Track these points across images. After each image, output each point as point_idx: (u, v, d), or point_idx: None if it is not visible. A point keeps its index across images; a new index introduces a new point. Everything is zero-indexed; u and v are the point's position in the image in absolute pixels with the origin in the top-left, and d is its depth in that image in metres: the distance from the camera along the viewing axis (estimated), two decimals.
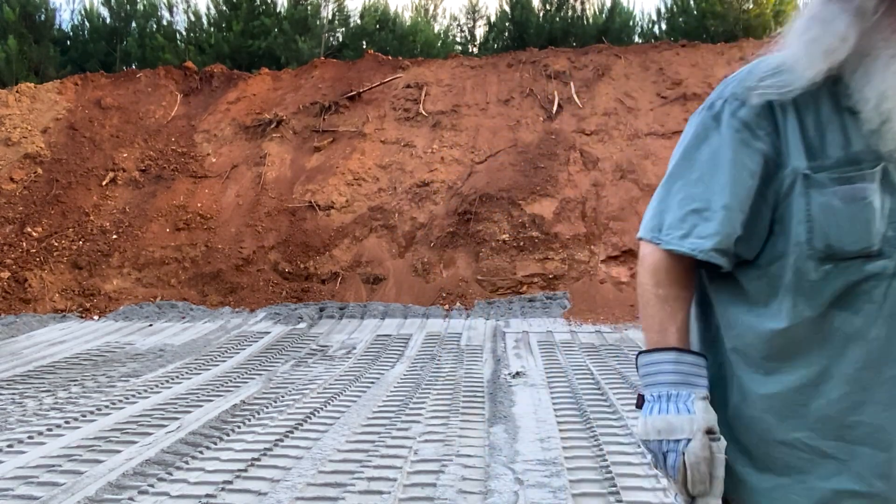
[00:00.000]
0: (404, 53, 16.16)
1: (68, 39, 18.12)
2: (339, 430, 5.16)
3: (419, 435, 5.01)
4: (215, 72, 14.99)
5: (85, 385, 6.78)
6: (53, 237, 12.07)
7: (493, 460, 4.45)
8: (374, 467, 4.37)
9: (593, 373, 6.87)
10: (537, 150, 12.34)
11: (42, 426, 5.37)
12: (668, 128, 12.39)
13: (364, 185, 12.40)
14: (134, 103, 14.40)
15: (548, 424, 5.21)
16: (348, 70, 14.65)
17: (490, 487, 4.02)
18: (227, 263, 11.57)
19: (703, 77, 13.04)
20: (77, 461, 4.60)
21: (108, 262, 11.73)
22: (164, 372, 7.31)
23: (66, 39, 18.09)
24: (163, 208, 12.41)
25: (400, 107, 13.60)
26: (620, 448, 4.65)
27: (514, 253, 11.14)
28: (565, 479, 4.13)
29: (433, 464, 4.43)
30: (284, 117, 13.62)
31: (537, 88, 13.45)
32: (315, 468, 4.37)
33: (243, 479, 4.24)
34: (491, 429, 5.13)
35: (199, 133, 13.78)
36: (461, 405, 5.78)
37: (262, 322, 10.13)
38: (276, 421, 5.44)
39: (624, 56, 13.76)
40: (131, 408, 5.91)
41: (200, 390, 6.48)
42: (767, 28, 15.37)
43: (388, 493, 3.97)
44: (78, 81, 14.86)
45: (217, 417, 5.51)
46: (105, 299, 11.25)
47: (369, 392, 6.30)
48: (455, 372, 7.03)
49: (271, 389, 6.49)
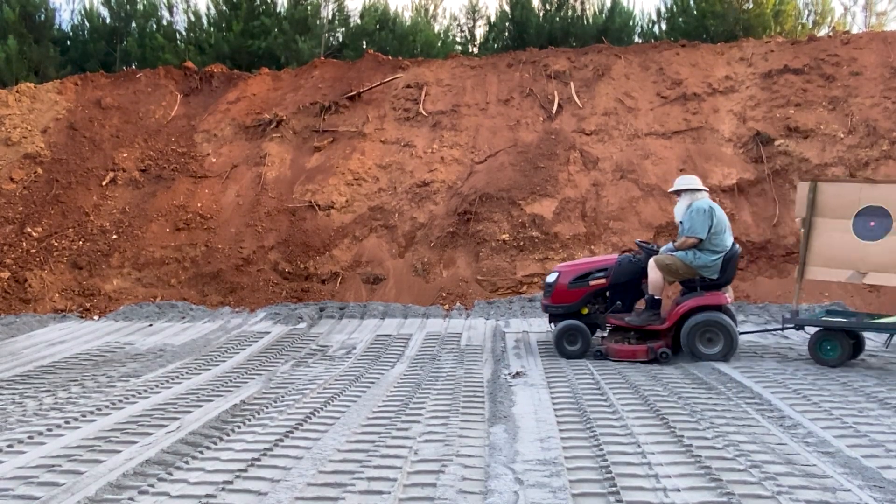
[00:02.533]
0: (404, 53, 16.16)
1: (68, 39, 18.11)
2: (340, 430, 5.16)
3: (419, 435, 5.01)
4: (215, 72, 15.00)
5: (85, 385, 6.78)
6: (53, 237, 12.08)
7: (493, 460, 4.45)
8: (375, 467, 4.38)
9: (593, 373, 6.87)
10: (537, 150, 12.34)
11: (42, 426, 5.37)
12: (668, 128, 12.40)
13: (364, 185, 12.41)
14: (134, 103, 14.40)
15: (548, 424, 5.21)
16: (348, 70, 14.66)
17: (490, 487, 4.02)
18: (227, 263, 11.58)
19: (703, 77, 13.04)
20: (77, 461, 4.61)
21: (108, 262, 11.73)
22: (164, 372, 7.32)
23: (66, 39, 18.09)
24: (163, 208, 12.41)
25: (400, 107, 13.61)
26: (621, 448, 4.66)
27: (514, 253, 11.14)
28: (565, 479, 4.14)
29: (433, 464, 4.43)
30: (284, 117, 13.62)
31: (537, 88, 13.46)
32: (315, 468, 4.37)
33: (243, 479, 4.24)
34: (491, 429, 5.13)
35: (199, 133, 13.79)
36: (461, 405, 5.78)
37: (262, 322, 10.13)
38: (276, 421, 5.44)
39: (624, 56, 13.77)
40: (131, 408, 5.91)
41: (200, 390, 6.48)
42: (767, 28, 15.37)
43: (388, 493, 3.97)
44: (78, 81, 14.86)
45: (217, 417, 5.51)
46: (105, 299, 11.26)
47: (369, 392, 6.30)
48: (455, 372, 7.03)
49: (271, 389, 6.49)
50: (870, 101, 12.00)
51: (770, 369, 6.89)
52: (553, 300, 7.77)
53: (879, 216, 6.88)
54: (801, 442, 4.76)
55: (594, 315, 7.76)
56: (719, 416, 5.38)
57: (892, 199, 6.87)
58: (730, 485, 4.02)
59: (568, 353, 7.53)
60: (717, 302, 7.26)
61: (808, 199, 7.13)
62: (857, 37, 13.40)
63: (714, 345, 7.20)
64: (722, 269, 7.31)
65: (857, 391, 6.05)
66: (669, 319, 7.34)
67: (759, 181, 11.51)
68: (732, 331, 7.16)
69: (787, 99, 12.36)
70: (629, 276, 7.62)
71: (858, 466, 4.29)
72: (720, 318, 7.16)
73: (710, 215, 7.23)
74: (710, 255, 7.27)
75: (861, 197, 6.97)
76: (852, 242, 6.98)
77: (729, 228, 7.46)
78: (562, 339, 7.58)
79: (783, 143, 11.76)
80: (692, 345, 7.22)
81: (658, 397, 5.92)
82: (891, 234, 6.84)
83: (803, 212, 7.18)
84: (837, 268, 7.11)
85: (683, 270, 7.32)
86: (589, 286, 7.65)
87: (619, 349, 7.35)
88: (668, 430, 5.03)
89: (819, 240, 7.12)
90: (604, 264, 7.74)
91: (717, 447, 4.66)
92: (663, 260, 7.32)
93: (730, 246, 7.38)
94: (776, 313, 9.79)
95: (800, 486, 4.02)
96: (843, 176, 11.13)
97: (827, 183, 7.28)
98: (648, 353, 7.25)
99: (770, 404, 5.67)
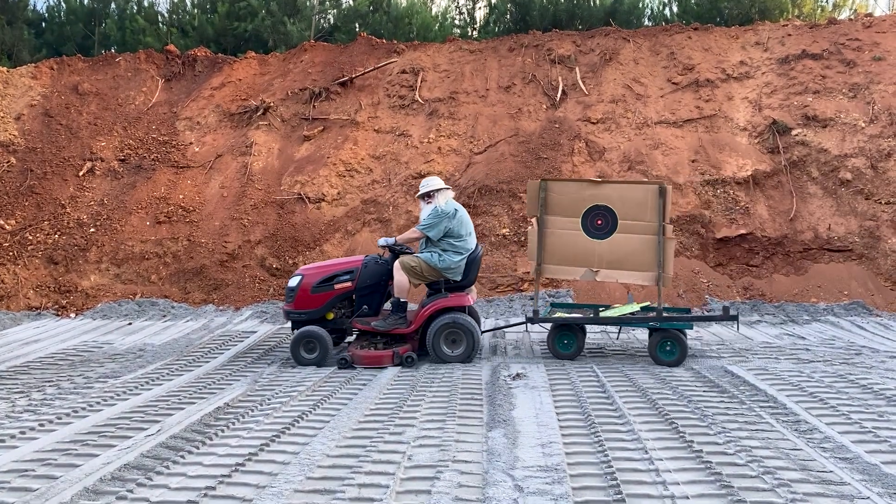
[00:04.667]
0: (399, 37, 16.14)
1: (43, 21, 18.10)
2: (329, 434, 5.17)
3: (413, 439, 5.02)
4: (199, 56, 14.97)
5: (61, 386, 6.78)
6: (28, 230, 12.07)
7: (492, 466, 4.46)
8: (366, 473, 4.38)
9: (598, 375, 6.89)
10: (540, 139, 12.34)
11: (15, 429, 5.37)
12: (680, 116, 12.41)
13: (356, 177, 12.41)
14: (113, 89, 14.38)
15: (549, 429, 5.22)
16: (340, 54, 14.64)
17: (488, 495, 4.03)
18: (211, 259, 11.58)
19: (717, 62, 13.05)
20: (52, 465, 4.61)
21: (86, 256, 11.73)
22: (143, 373, 7.32)
23: (41, 21, 18.07)
24: (143, 200, 12.40)
25: (394, 93, 13.60)
26: (626, 454, 4.67)
27: (515, 248, 11.15)
28: (568, 486, 4.14)
29: (428, 470, 4.44)
30: (272, 104, 13.61)
31: (540, 74, 13.45)
32: (303, 474, 4.38)
33: (227, 485, 4.25)
34: (489, 433, 5.14)
35: (182, 120, 13.78)
36: (458, 408, 5.79)
37: (248, 321, 10.14)
38: (262, 424, 5.44)
39: (633, 40, 13.76)
40: (109, 410, 5.91)
41: (182, 392, 6.49)
42: (784, 11, 15.37)
43: (380, 501, 3.98)
44: (54, 66, 14.83)
45: (200, 420, 5.52)
46: (82, 296, 11.26)
47: (361, 394, 6.31)
48: (452, 373, 7.04)
49: (257, 391, 6.50)
50: (892, 88, 12.02)
51: (785, 371, 6.91)
52: (296, 306, 7.78)
53: (606, 214, 7.41)
54: (817, 447, 4.78)
55: (340, 320, 7.91)
56: (731, 420, 5.39)
57: (616, 198, 7.40)
58: (741, 492, 4.03)
59: (305, 361, 7.62)
60: (461, 303, 7.61)
61: (539, 199, 7.53)
62: (879, 20, 13.41)
63: (458, 346, 7.54)
64: (465, 270, 7.67)
65: (876, 394, 6.06)
66: (415, 322, 7.61)
67: (776, 173, 11.53)
68: (475, 332, 7.51)
69: (806, 86, 12.36)
70: (376, 278, 7.82)
71: (878, 473, 4.30)
72: (464, 319, 7.51)
73: (451, 219, 7.57)
74: (455, 257, 7.59)
75: (588, 196, 7.46)
76: (583, 241, 7.47)
77: (473, 230, 7.85)
78: (298, 347, 7.64)
79: (801, 133, 11.77)
80: (437, 347, 7.53)
81: (666, 400, 5.93)
82: (617, 232, 7.38)
83: (535, 211, 7.58)
84: (571, 266, 7.58)
85: (429, 272, 7.61)
86: (334, 290, 7.75)
87: (365, 355, 7.52)
88: (677, 435, 5.04)
89: (552, 238, 7.57)
90: (349, 266, 7.88)
91: (728, 452, 4.67)
92: (408, 262, 7.56)
93: (473, 247, 7.74)
94: (793, 312, 9.82)
95: (815, 493, 4.03)
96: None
97: (556, 182, 7.77)
98: (394, 359, 7.48)
99: (784, 408, 5.68)
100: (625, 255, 7.42)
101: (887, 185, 11.09)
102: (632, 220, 7.41)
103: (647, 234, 7.40)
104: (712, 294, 10.31)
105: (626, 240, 7.41)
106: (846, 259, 10.74)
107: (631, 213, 7.41)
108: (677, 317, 7.74)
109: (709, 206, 11.23)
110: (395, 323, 7.59)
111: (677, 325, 7.47)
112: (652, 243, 7.39)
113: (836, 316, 9.74)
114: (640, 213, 7.40)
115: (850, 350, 7.93)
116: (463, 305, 7.59)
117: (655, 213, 7.36)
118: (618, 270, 7.49)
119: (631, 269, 7.49)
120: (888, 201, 10.97)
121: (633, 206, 7.40)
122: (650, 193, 7.41)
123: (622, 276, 7.59)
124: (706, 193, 11.33)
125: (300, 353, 7.62)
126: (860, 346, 8.10)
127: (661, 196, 7.35)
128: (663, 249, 7.37)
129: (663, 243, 7.37)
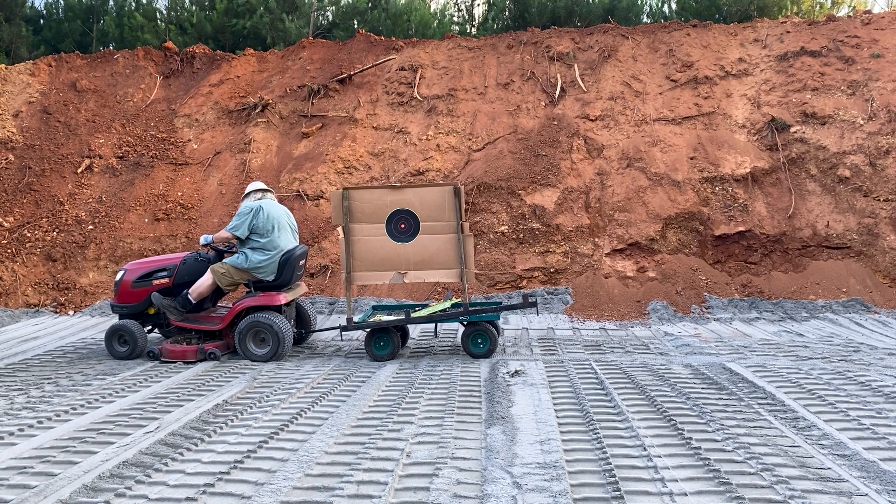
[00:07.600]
0: (398, 34, 16.14)
1: (42, 18, 18.05)
2: (328, 431, 5.18)
3: (412, 436, 5.02)
4: (197, 53, 14.95)
5: (59, 383, 6.78)
6: (26, 227, 12.05)
7: (490, 463, 4.47)
8: (364, 470, 4.39)
9: (597, 372, 6.89)
10: (538, 136, 12.34)
11: (13, 426, 5.37)
12: (678, 113, 12.40)
13: (355, 174, 12.40)
14: (111, 86, 14.36)
15: (548, 426, 5.22)
16: (338, 51, 14.63)
17: (486, 492, 4.03)
18: None
19: (716, 59, 13.04)
20: (50, 462, 4.61)
21: (84, 254, 11.72)
22: (142, 370, 7.33)
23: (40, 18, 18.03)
24: (141, 197, 12.39)
25: (393, 90, 13.59)
26: (625, 451, 4.67)
27: (514, 246, 11.15)
28: (566, 483, 4.15)
29: (427, 467, 4.44)
30: (270, 101, 13.60)
31: (539, 71, 13.44)
32: (301, 471, 4.39)
33: (226, 483, 4.25)
34: (488, 430, 5.14)
35: (180, 117, 13.76)
36: (457, 405, 5.79)
37: None
38: (261, 421, 5.45)
39: (631, 36, 13.75)
40: (108, 407, 5.92)
41: (180, 389, 6.49)
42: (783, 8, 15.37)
43: (379, 498, 3.98)
44: (52, 62, 14.81)
45: (198, 418, 5.52)
46: (80, 293, 11.25)
47: (359, 391, 6.32)
48: (451, 370, 7.05)
49: (256, 388, 6.50)
50: (892, 85, 12.02)
51: (783, 368, 6.92)
52: (119, 299, 8.09)
53: (408, 218, 7.61)
54: (816, 444, 4.78)
55: (161, 315, 8.07)
56: (729, 417, 5.40)
57: (416, 202, 7.60)
58: (740, 489, 4.03)
59: (119, 355, 7.82)
60: (270, 303, 7.73)
61: (343, 208, 7.66)
62: (878, 17, 13.41)
63: (265, 345, 7.65)
64: (279, 270, 7.81)
65: (874, 391, 6.07)
66: (224, 320, 7.78)
67: (774, 170, 11.53)
68: (281, 332, 7.59)
69: (804, 83, 12.36)
70: (195, 275, 7.99)
71: (876, 470, 4.31)
72: (272, 319, 7.61)
73: (254, 215, 7.77)
74: (261, 256, 7.77)
75: (389, 201, 7.64)
76: (389, 245, 7.64)
77: (287, 229, 8.01)
78: (112, 340, 7.86)
79: (799, 130, 11.77)
80: (244, 345, 7.66)
81: (665, 398, 5.94)
82: (420, 234, 7.59)
83: (340, 220, 7.71)
84: (380, 270, 7.72)
85: (238, 275, 7.84)
86: (152, 285, 7.98)
87: (171, 349, 7.69)
88: (676, 432, 5.04)
89: (359, 246, 7.70)
90: (168, 263, 8.12)
91: (726, 450, 4.67)
92: (217, 269, 7.83)
93: (287, 247, 7.88)
94: (791, 309, 9.83)
95: (814, 490, 4.04)
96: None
97: (357, 190, 7.91)
98: (198, 354, 7.63)
99: (783, 405, 5.69)
100: (429, 255, 7.62)
101: (886, 182, 11.09)
102: (432, 221, 7.63)
103: (447, 234, 7.63)
104: (711, 291, 10.31)
105: (430, 241, 7.62)
106: (844, 256, 10.74)
107: (431, 214, 7.63)
108: (481, 309, 7.90)
109: (707, 203, 11.23)
110: (174, 314, 7.79)
111: (484, 318, 7.68)
112: (453, 242, 7.62)
113: (834, 313, 9.75)
114: (438, 215, 7.63)
115: (848, 347, 7.94)
116: (273, 305, 7.72)
117: (453, 212, 7.59)
118: (425, 271, 7.67)
119: (437, 269, 7.69)
120: (887, 198, 10.97)
121: (432, 208, 7.61)
122: (446, 194, 7.62)
123: (429, 275, 7.76)
124: (705, 191, 11.33)
125: (114, 346, 7.85)
126: (858, 343, 8.11)
127: (456, 196, 7.58)
128: (463, 247, 7.59)
129: (462, 241, 7.59)
